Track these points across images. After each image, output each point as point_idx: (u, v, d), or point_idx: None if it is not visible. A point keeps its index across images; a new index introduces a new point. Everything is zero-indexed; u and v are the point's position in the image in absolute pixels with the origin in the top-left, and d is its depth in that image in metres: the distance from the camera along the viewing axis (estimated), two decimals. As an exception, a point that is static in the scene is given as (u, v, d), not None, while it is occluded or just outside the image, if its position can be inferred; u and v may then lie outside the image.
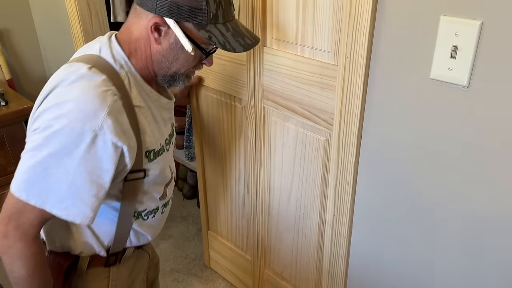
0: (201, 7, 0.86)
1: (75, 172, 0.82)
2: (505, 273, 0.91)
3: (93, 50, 0.91)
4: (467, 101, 0.84)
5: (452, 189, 0.93)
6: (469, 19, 0.78)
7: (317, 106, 1.11)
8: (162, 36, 0.89)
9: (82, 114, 0.80)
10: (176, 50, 0.91)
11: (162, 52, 0.91)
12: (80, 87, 0.82)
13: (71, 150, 0.81)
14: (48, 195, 0.83)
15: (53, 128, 0.80)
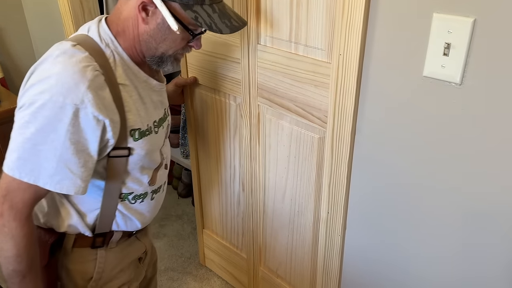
0: None
1: (62, 146, 0.84)
2: (496, 266, 0.92)
3: (83, 31, 0.93)
4: (460, 99, 0.84)
5: (445, 186, 0.93)
6: (462, 16, 0.78)
7: (311, 104, 1.11)
8: (150, 16, 0.90)
9: (63, 88, 0.82)
10: (163, 30, 0.91)
11: (149, 32, 0.91)
12: (61, 63, 0.84)
13: (56, 124, 0.83)
14: (40, 171, 0.85)
15: (37, 103, 0.82)
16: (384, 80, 0.94)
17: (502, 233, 0.88)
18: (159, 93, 1.03)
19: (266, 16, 1.12)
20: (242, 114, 1.33)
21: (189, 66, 1.44)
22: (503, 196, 0.85)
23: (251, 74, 1.23)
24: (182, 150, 2.02)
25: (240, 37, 1.21)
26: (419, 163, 0.96)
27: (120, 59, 0.92)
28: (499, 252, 0.90)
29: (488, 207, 0.88)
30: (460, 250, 0.96)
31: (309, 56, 1.07)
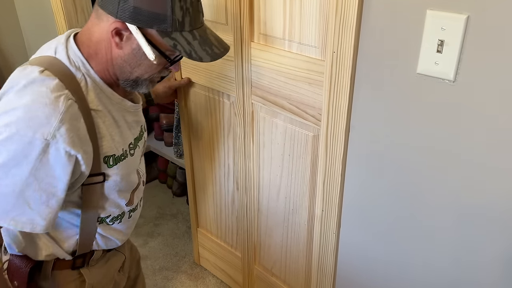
0: (166, 14, 0.81)
1: (24, 183, 0.79)
2: (494, 264, 0.92)
3: (49, 51, 0.87)
4: (454, 96, 0.84)
5: (439, 182, 0.93)
6: (455, 13, 0.78)
7: (305, 101, 1.11)
8: (124, 41, 0.84)
9: (33, 121, 0.77)
10: (139, 56, 0.86)
11: (123, 57, 0.86)
12: (30, 93, 0.78)
13: (20, 160, 0.78)
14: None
15: (2, 136, 0.77)
16: (378, 77, 0.94)
17: (497, 231, 0.89)
18: (134, 113, 0.98)
19: (260, 13, 1.12)
20: (236, 113, 1.33)
21: (182, 64, 1.44)
22: (496, 193, 0.86)
23: (245, 72, 1.23)
24: (175, 150, 2.01)
25: (234, 35, 1.20)
26: (413, 160, 0.96)
27: (92, 82, 0.87)
28: (493, 249, 0.91)
29: (482, 204, 0.88)
30: (454, 248, 0.97)
31: (302, 54, 1.06)
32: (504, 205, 0.85)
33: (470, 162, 0.87)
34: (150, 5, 0.80)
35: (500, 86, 0.78)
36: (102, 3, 0.82)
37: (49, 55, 0.86)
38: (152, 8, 0.80)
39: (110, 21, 0.82)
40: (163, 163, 2.36)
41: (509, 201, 0.85)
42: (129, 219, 1.05)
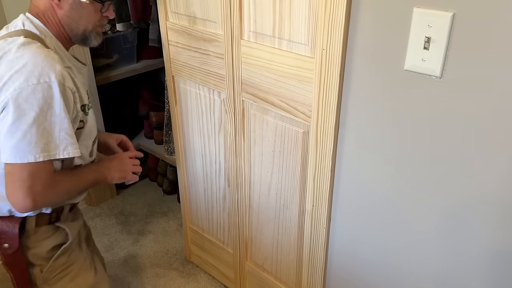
0: None
1: (59, 118, 0.97)
2: (484, 258, 0.94)
3: (17, 27, 1.04)
4: (440, 91, 0.86)
5: (428, 178, 0.95)
6: (441, 10, 0.80)
7: (295, 98, 1.12)
8: (61, 1, 1.04)
9: (45, 69, 0.95)
10: (77, 8, 1.06)
11: (66, 14, 1.06)
12: (28, 50, 0.96)
13: (50, 102, 0.95)
14: (49, 146, 0.97)
15: (27, 90, 0.93)
16: (367, 74, 0.96)
17: (484, 226, 0.91)
18: (83, 75, 1.17)
19: (249, 11, 1.13)
20: (227, 110, 1.34)
21: (172, 62, 1.44)
22: (481, 189, 0.88)
23: (235, 70, 1.24)
24: (166, 147, 2.02)
25: (224, 33, 1.21)
26: (401, 155, 0.98)
27: (56, 46, 1.06)
28: (480, 244, 0.93)
29: (468, 200, 0.91)
30: (443, 243, 0.99)
31: (292, 51, 1.08)
32: (489, 201, 0.88)
33: (456, 157, 0.89)
34: None
35: (486, 82, 0.80)
36: None
37: (18, 29, 1.03)
38: None
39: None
40: (153, 161, 2.36)
41: (494, 197, 0.87)
42: None
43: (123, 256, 1.91)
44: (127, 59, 2.09)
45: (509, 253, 0.90)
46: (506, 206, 0.86)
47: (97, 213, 2.17)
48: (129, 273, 1.81)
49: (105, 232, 2.03)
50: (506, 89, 0.78)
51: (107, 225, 2.08)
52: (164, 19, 1.38)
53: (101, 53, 1.97)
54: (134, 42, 2.07)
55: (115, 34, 1.97)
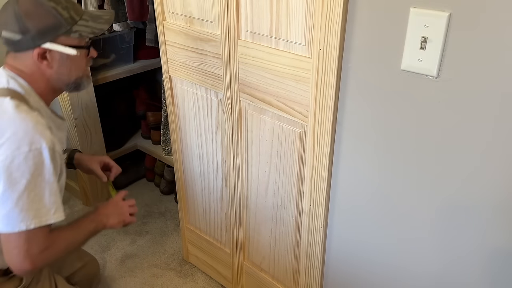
0: (58, 20, 1.03)
1: (49, 183, 0.99)
2: (480, 257, 0.95)
3: (1, 84, 1.04)
4: (437, 91, 0.86)
5: (424, 177, 0.95)
6: (438, 10, 0.80)
7: (292, 98, 1.12)
8: (50, 60, 1.05)
9: (36, 137, 0.96)
10: (66, 62, 1.08)
11: (57, 71, 1.08)
12: (17, 115, 0.97)
13: (41, 169, 0.97)
14: (41, 211, 0.98)
15: (19, 158, 0.94)
16: (364, 74, 0.96)
17: (481, 225, 0.91)
18: (63, 130, 1.19)
19: (246, 11, 1.13)
20: (224, 110, 1.34)
21: (169, 62, 1.44)
22: (480, 187, 0.88)
23: (233, 70, 1.24)
24: (163, 147, 2.01)
25: (221, 33, 1.21)
26: (398, 155, 0.98)
27: (39, 106, 1.08)
28: (476, 243, 0.93)
29: (467, 199, 0.91)
30: (440, 242, 0.99)
31: (289, 51, 1.08)
32: (486, 200, 0.88)
33: (452, 157, 0.89)
34: (44, 22, 1.01)
35: (482, 81, 0.80)
36: (16, 49, 1.04)
37: (2, 87, 1.04)
38: (48, 23, 1.02)
39: (30, 54, 1.03)
40: (150, 161, 2.36)
41: (491, 197, 0.87)
42: None
43: (120, 256, 1.90)
44: (124, 59, 2.08)
45: (505, 251, 0.90)
46: (502, 206, 0.86)
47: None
48: (126, 274, 1.81)
49: (102, 233, 2.01)
50: (502, 89, 0.79)
51: (104, 225, 2.07)
52: (161, 19, 1.38)
53: (98, 53, 1.97)
54: (131, 42, 2.06)
55: (112, 34, 1.96)
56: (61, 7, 1.04)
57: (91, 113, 2.00)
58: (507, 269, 0.91)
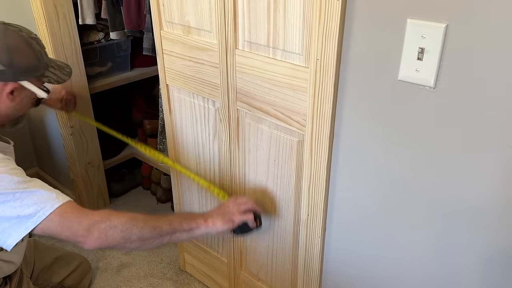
0: (40, 62, 1.13)
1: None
2: (477, 270, 0.95)
3: None
4: (434, 102, 0.86)
5: (422, 187, 0.95)
6: (435, 22, 0.81)
7: (289, 107, 1.12)
8: (16, 95, 1.11)
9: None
10: (24, 100, 1.15)
11: (14, 106, 1.13)
12: None
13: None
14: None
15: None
16: (361, 84, 0.96)
17: (479, 236, 0.91)
18: (10, 153, 1.19)
19: (244, 21, 1.13)
20: (221, 119, 1.33)
21: (167, 71, 1.44)
22: (479, 197, 0.88)
23: (230, 79, 1.24)
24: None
25: (218, 42, 1.21)
26: (396, 165, 0.98)
27: None
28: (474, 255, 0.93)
29: (466, 210, 0.91)
30: (438, 253, 0.99)
31: (287, 61, 1.08)
32: (485, 211, 0.88)
33: (451, 167, 0.89)
34: (29, 61, 1.11)
35: (479, 92, 0.81)
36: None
37: None
38: (32, 63, 1.12)
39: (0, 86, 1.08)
40: (146, 169, 2.35)
41: (490, 207, 0.87)
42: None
43: (116, 265, 1.89)
44: (121, 68, 2.08)
45: (502, 266, 0.90)
46: (501, 216, 0.87)
47: (90, 222, 2.14)
48: (122, 283, 1.80)
49: (98, 242, 2.02)
50: (499, 98, 0.79)
51: (100, 234, 2.06)
52: (159, 28, 1.38)
53: (95, 61, 1.97)
54: (128, 51, 2.06)
55: (108, 42, 1.96)
56: (43, 52, 1.15)
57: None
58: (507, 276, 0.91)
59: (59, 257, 1.57)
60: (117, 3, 1.78)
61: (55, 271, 1.51)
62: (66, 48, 1.77)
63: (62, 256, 1.60)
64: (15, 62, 1.07)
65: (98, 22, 1.88)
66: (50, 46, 1.71)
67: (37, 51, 1.13)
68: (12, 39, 1.07)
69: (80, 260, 1.64)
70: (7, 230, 0.98)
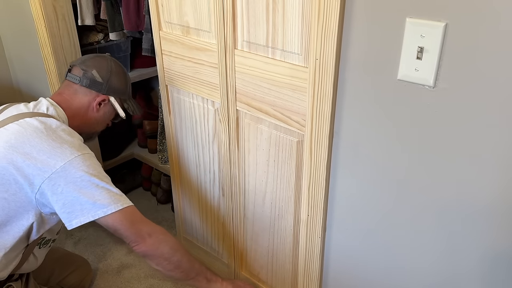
0: (127, 89, 1.38)
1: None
2: (480, 270, 0.94)
3: (40, 109, 1.20)
4: (433, 101, 0.86)
5: (421, 187, 0.95)
6: (434, 21, 0.81)
7: (289, 107, 1.12)
8: (101, 107, 1.31)
9: (82, 146, 1.15)
10: (105, 116, 1.34)
11: (97, 118, 1.32)
12: (64, 131, 1.14)
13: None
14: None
15: (88, 160, 1.12)
16: (360, 83, 0.96)
17: (477, 232, 0.91)
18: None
19: (243, 21, 1.13)
20: (221, 119, 1.33)
21: (166, 71, 1.44)
22: (480, 196, 0.88)
23: (229, 79, 1.24)
24: (160, 156, 2.00)
25: (218, 42, 1.21)
26: (395, 164, 0.98)
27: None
28: (477, 255, 0.93)
29: (467, 209, 0.91)
30: (441, 253, 0.99)
31: (286, 61, 1.08)
32: (486, 211, 0.88)
33: (450, 166, 0.89)
34: (121, 84, 1.34)
35: (478, 91, 0.80)
36: (90, 86, 1.28)
37: (43, 111, 1.20)
38: (122, 86, 1.35)
39: (94, 95, 1.29)
40: (147, 170, 2.35)
41: (491, 207, 0.87)
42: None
43: (117, 267, 1.89)
44: (121, 68, 2.08)
45: (505, 267, 0.90)
46: (502, 216, 0.86)
47: (91, 223, 2.14)
48: (123, 284, 1.80)
49: (98, 243, 2.01)
50: (499, 97, 0.79)
51: (100, 235, 2.06)
52: (158, 28, 1.38)
53: (94, 62, 1.96)
54: (128, 51, 2.06)
55: (108, 43, 1.96)
56: (130, 84, 1.40)
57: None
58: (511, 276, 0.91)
59: (59, 257, 1.57)
60: (116, 4, 1.78)
61: (55, 272, 1.51)
62: (66, 49, 1.76)
63: (63, 256, 1.60)
64: (111, 80, 1.30)
65: (97, 23, 1.87)
66: (50, 47, 1.71)
67: (128, 81, 1.38)
68: (115, 65, 1.33)
69: (80, 261, 1.64)
70: (77, 212, 1.08)
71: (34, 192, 1.08)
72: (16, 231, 1.12)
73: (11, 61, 2.06)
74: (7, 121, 1.14)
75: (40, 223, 1.16)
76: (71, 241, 2.01)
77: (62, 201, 1.07)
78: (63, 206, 1.07)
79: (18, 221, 1.11)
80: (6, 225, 1.11)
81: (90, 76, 1.28)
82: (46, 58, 1.76)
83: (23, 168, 1.06)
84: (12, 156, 1.06)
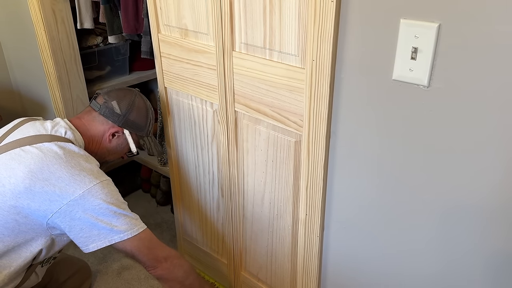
0: (145, 125, 1.37)
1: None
2: (478, 267, 0.95)
3: (58, 131, 1.21)
4: (428, 100, 0.88)
5: (418, 185, 0.96)
6: (428, 21, 0.82)
7: (286, 108, 1.13)
8: (115, 138, 1.33)
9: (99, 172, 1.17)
10: (120, 148, 1.36)
11: (109, 148, 1.33)
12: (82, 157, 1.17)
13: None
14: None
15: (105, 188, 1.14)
16: (356, 84, 0.98)
17: (474, 230, 0.92)
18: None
19: (240, 23, 1.14)
20: (219, 120, 1.35)
21: (165, 74, 1.45)
22: (476, 194, 0.89)
23: (227, 81, 1.25)
24: (159, 158, 2.02)
25: (216, 44, 1.22)
26: (392, 163, 0.99)
27: None
28: (475, 251, 0.94)
29: (463, 207, 0.92)
30: (438, 250, 1.00)
31: (283, 62, 1.09)
32: (482, 208, 0.89)
33: (445, 165, 0.90)
34: (140, 120, 1.35)
35: (472, 90, 0.82)
36: (107, 115, 1.30)
37: (60, 134, 1.21)
38: (140, 122, 1.36)
39: (109, 125, 1.31)
40: (146, 172, 2.36)
41: (487, 204, 0.88)
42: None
43: (117, 268, 1.89)
44: (120, 71, 2.09)
45: (502, 262, 0.91)
46: (498, 213, 0.87)
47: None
48: (123, 286, 1.80)
49: (98, 245, 2.02)
50: (493, 96, 0.80)
51: (101, 237, 2.06)
52: (156, 31, 1.39)
53: (93, 65, 1.98)
54: (126, 54, 2.07)
55: (107, 46, 1.98)
56: (152, 123, 1.40)
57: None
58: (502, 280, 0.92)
59: (59, 261, 1.57)
60: (115, 7, 1.79)
61: (55, 275, 1.51)
62: (65, 53, 1.78)
63: (63, 259, 1.60)
64: (130, 114, 1.32)
65: (96, 26, 1.89)
66: (49, 50, 1.72)
67: (149, 119, 1.39)
68: (139, 101, 1.35)
69: (80, 264, 1.65)
70: (94, 237, 1.11)
71: (47, 218, 1.10)
72: (25, 253, 1.14)
73: (10, 64, 2.07)
74: (25, 142, 1.14)
75: (50, 245, 1.19)
76: (71, 242, 2.01)
77: (80, 226, 1.10)
78: (81, 231, 1.11)
79: (28, 244, 1.13)
80: (15, 246, 1.12)
81: (110, 106, 1.30)
82: (45, 62, 1.77)
83: (41, 194, 1.07)
84: (30, 182, 1.07)
